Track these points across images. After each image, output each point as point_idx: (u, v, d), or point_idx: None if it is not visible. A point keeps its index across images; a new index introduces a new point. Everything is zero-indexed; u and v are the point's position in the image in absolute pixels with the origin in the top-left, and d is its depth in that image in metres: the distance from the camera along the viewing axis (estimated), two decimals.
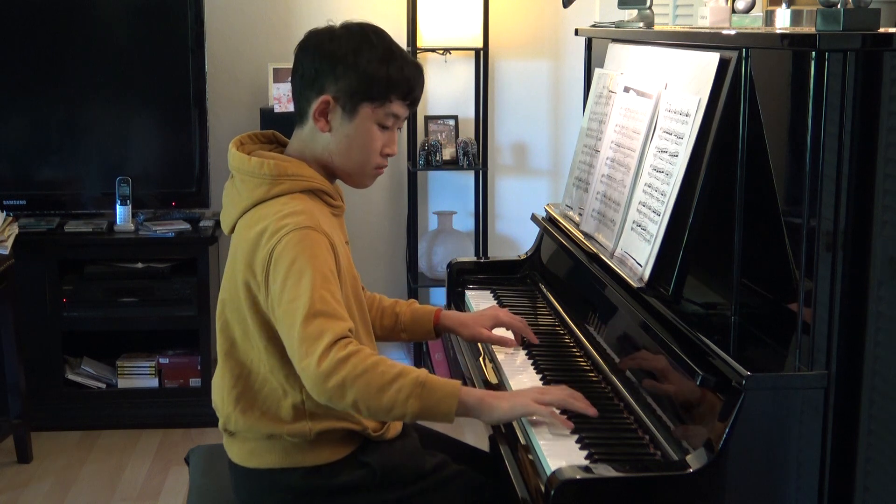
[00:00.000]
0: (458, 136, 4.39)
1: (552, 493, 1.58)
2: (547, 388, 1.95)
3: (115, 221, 4.03)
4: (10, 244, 3.62)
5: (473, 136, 4.41)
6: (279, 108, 4.07)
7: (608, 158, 2.36)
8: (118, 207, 4.01)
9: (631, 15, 2.60)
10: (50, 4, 4.06)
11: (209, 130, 4.14)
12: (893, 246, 1.63)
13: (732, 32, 1.96)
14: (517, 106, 4.53)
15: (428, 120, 4.38)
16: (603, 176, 2.37)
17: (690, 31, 2.39)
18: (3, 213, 3.72)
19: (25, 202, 4.07)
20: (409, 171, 4.37)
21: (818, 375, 1.65)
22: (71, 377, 4.06)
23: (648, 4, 2.53)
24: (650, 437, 1.81)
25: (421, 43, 4.24)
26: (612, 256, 2.21)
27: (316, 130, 1.98)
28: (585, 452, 1.77)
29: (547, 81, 4.53)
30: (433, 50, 4.27)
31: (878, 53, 1.59)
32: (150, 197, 4.13)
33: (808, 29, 1.93)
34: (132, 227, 4.02)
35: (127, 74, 4.11)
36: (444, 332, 2.32)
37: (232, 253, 1.97)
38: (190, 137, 4.10)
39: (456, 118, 4.41)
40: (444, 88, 4.46)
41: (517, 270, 2.82)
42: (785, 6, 2.19)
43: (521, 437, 1.88)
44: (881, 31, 1.62)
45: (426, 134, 4.36)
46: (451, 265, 2.81)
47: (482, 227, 4.42)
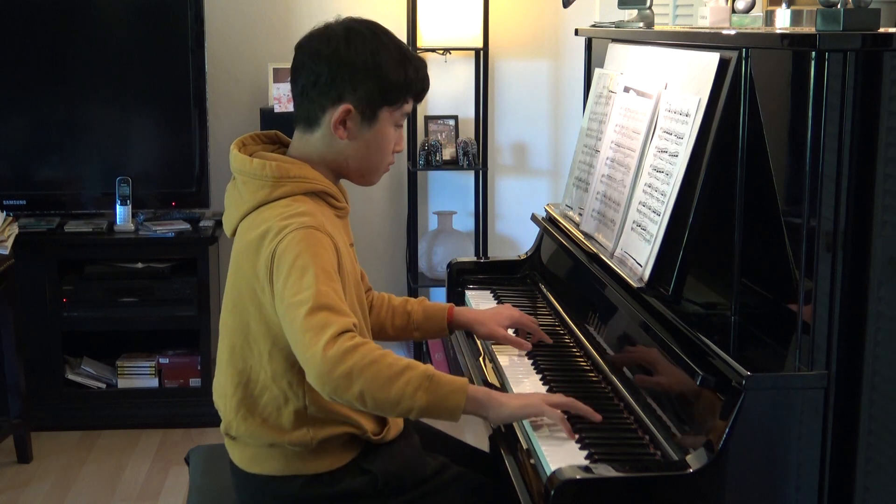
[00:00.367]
0: (458, 136, 4.39)
1: (552, 493, 1.58)
2: (552, 395, 1.92)
3: (115, 221, 4.03)
4: (10, 244, 3.62)
5: (473, 136, 4.42)
6: (279, 108, 4.07)
7: (608, 158, 2.36)
8: (118, 207, 4.02)
9: (631, 15, 2.60)
10: (50, 4, 4.06)
11: (209, 130, 4.14)
12: (893, 246, 1.63)
13: (732, 32, 1.96)
14: (517, 106, 4.53)
15: (428, 120, 4.38)
16: (603, 176, 2.37)
17: (690, 31, 2.39)
18: (3, 213, 3.72)
19: (25, 202, 4.07)
20: (409, 171, 4.37)
21: (818, 375, 1.65)
22: (71, 377, 4.06)
23: (648, 4, 2.53)
24: (650, 437, 1.81)
25: (421, 43, 4.24)
26: (612, 256, 2.21)
27: (332, 137, 1.95)
28: (585, 452, 1.77)
29: (547, 81, 4.53)
30: (433, 50, 4.27)
31: (878, 53, 1.59)
32: (150, 197, 4.13)
33: (808, 29, 1.93)
34: (132, 227, 4.02)
35: (127, 74, 4.11)
36: (457, 328, 2.29)
37: (234, 257, 1.96)
38: (190, 137, 4.10)
39: (456, 118, 4.41)
40: (444, 88, 4.46)
41: (517, 270, 2.82)
42: (785, 6, 2.19)
43: (521, 437, 1.88)
44: (881, 31, 1.62)
45: (426, 134, 4.36)
46: (451, 265, 2.81)
47: (482, 227, 4.42)
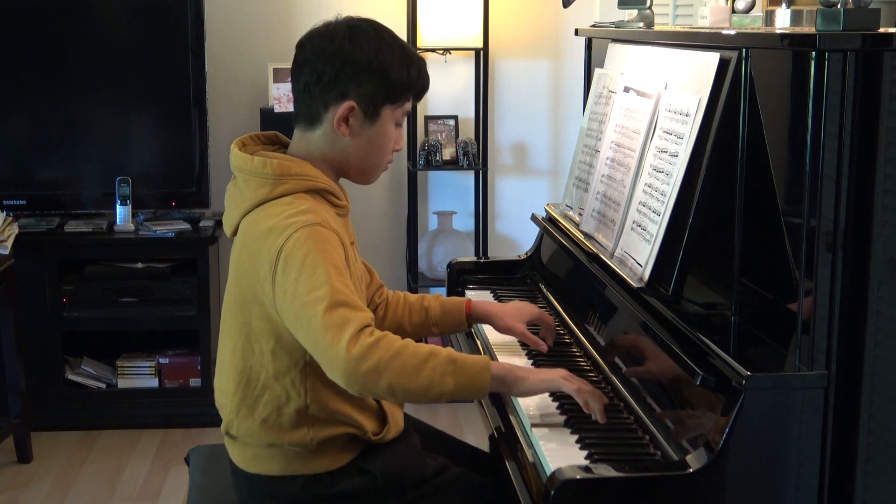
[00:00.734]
0: (458, 136, 4.39)
1: (552, 493, 1.58)
2: (573, 376, 1.93)
3: (115, 221, 4.03)
4: (10, 244, 3.62)
5: (473, 136, 4.42)
6: (279, 108, 4.07)
7: (608, 158, 2.36)
8: (118, 207, 4.02)
9: (631, 15, 2.60)
10: (50, 4, 4.06)
11: (209, 130, 4.14)
12: (893, 246, 1.63)
13: (732, 32, 1.96)
14: (517, 106, 4.53)
15: (428, 120, 4.38)
16: (603, 176, 2.37)
17: (690, 31, 2.39)
18: (3, 213, 3.72)
19: (25, 202, 4.07)
20: (409, 171, 4.37)
21: (818, 375, 1.65)
22: (71, 377, 4.06)
23: (648, 4, 2.53)
24: (650, 437, 1.81)
25: (421, 43, 4.24)
26: (612, 256, 2.21)
27: (334, 134, 1.95)
28: (585, 452, 1.77)
29: (547, 81, 4.53)
30: (433, 50, 4.27)
31: (878, 53, 1.59)
32: (150, 197, 4.13)
33: (808, 29, 1.93)
34: (132, 227, 4.02)
35: (127, 74, 4.11)
36: (475, 322, 2.29)
37: (235, 255, 1.95)
38: (190, 137, 4.10)
39: (456, 118, 4.41)
40: (444, 88, 4.46)
41: (517, 270, 2.82)
42: (785, 6, 2.19)
43: (521, 437, 1.88)
44: (881, 31, 1.62)
45: (426, 134, 4.36)
46: (451, 265, 2.81)
47: (482, 227, 4.42)
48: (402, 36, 4.28)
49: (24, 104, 4.11)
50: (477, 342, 2.38)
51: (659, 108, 2.16)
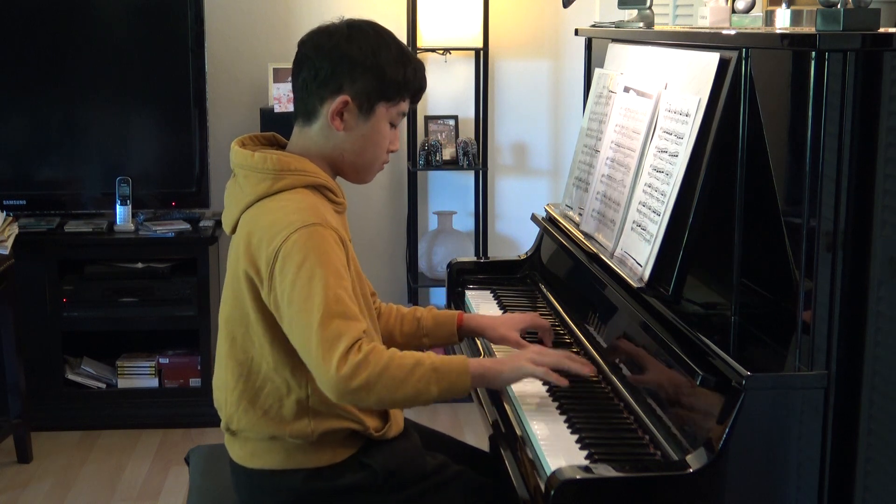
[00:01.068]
0: (458, 136, 4.39)
1: (552, 493, 1.58)
2: (545, 349, 2.07)
3: (115, 221, 4.03)
4: (10, 244, 3.62)
5: (473, 136, 4.41)
6: (279, 108, 4.07)
7: (608, 158, 2.36)
8: (118, 207, 4.02)
9: (631, 15, 2.60)
10: (50, 4, 4.06)
11: (209, 130, 4.14)
12: (893, 246, 1.63)
13: (732, 32, 1.96)
14: (517, 106, 4.53)
15: (428, 120, 4.38)
16: (603, 176, 2.37)
17: (690, 31, 2.39)
18: (3, 213, 3.72)
19: (25, 202, 4.07)
20: (409, 171, 4.37)
21: (818, 375, 1.65)
22: (71, 377, 4.06)
23: (648, 4, 2.53)
24: (650, 437, 1.81)
25: (421, 43, 4.24)
26: (612, 256, 2.21)
27: (329, 129, 1.98)
28: (585, 452, 1.77)
29: (547, 81, 4.53)
30: (433, 50, 4.27)
31: (878, 53, 1.59)
32: (150, 197, 4.13)
33: (808, 29, 1.93)
34: (132, 227, 4.02)
35: (127, 74, 4.11)
36: (467, 335, 2.30)
37: (234, 249, 1.97)
38: (190, 137, 4.10)
39: (456, 118, 4.41)
40: (444, 88, 4.46)
41: (517, 270, 2.82)
42: (785, 6, 2.19)
43: (521, 437, 1.89)
44: (881, 31, 1.62)
45: (426, 134, 4.36)
46: (451, 265, 2.81)
47: (482, 227, 4.42)
48: (402, 36, 4.31)
49: (24, 104, 4.11)
50: (477, 342, 2.38)
51: (659, 108, 2.16)
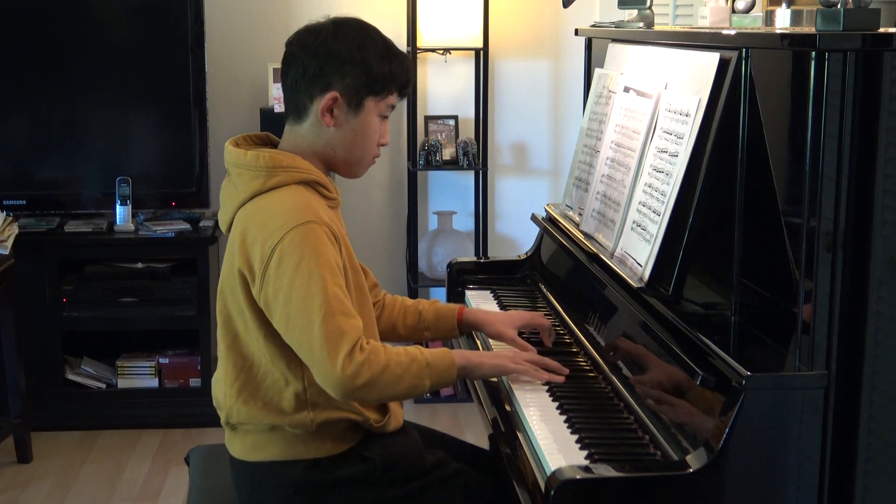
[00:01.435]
0: (458, 136, 4.39)
1: (552, 493, 1.58)
2: (523, 352, 2.14)
3: (115, 221, 4.03)
4: (10, 244, 3.62)
5: (473, 136, 4.41)
6: (279, 108, 4.07)
7: (608, 158, 2.36)
8: (118, 207, 4.02)
9: (631, 15, 2.60)
10: (50, 4, 4.06)
11: (209, 130, 4.14)
12: (893, 246, 1.63)
13: (732, 32, 1.96)
14: (517, 106, 4.53)
15: (428, 120, 4.38)
16: (603, 176, 2.37)
17: (690, 31, 2.39)
18: (3, 213, 3.72)
19: (25, 202, 4.07)
20: (409, 171, 4.37)
21: (818, 375, 1.65)
22: (71, 377, 4.06)
23: (648, 4, 2.53)
24: (650, 437, 1.81)
25: (421, 43, 4.24)
26: (612, 256, 2.21)
27: (320, 125, 2.01)
28: (585, 452, 1.77)
29: (547, 81, 4.53)
30: (433, 50, 4.27)
31: (878, 53, 1.59)
32: (150, 197, 4.13)
33: (808, 29, 1.93)
34: (132, 227, 4.02)
35: (127, 74, 4.11)
36: (467, 329, 2.34)
37: (230, 246, 1.99)
38: (190, 137, 4.10)
39: (456, 118, 4.41)
40: (444, 88, 4.46)
41: (517, 270, 2.82)
42: (785, 6, 2.19)
43: (521, 436, 1.89)
44: (881, 31, 1.62)
45: (426, 134, 4.36)
46: (451, 265, 2.81)
47: (482, 227, 4.42)
48: (402, 36, 4.32)
49: (24, 104, 4.11)
50: (476, 339, 2.39)
51: (659, 108, 2.16)
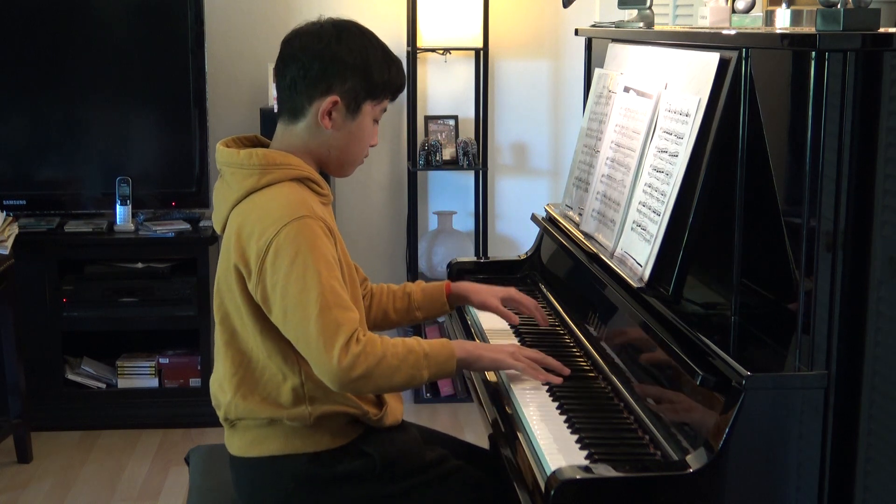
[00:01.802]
0: (458, 136, 4.39)
1: (552, 493, 1.58)
2: (525, 348, 2.14)
3: (115, 221, 4.04)
4: (10, 244, 3.62)
5: (473, 136, 4.41)
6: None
7: (608, 158, 2.36)
8: (118, 207, 4.02)
9: (631, 15, 2.60)
10: (50, 4, 4.06)
11: (209, 130, 4.14)
12: (893, 246, 1.63)
13: (732, 32, 1.96)
14: (517, 106, 4.53)
15: (428, 120, 4.38)
16: (603, 176, 2.37)
17: (690, 31, 2.39)
18: (3, 213, 3.72)
19: (25, 202, 4.07)
20: (409, 171, 4.37)
21: (818, 375, 1.65)
22: (71, 377, 4.06)
23: (648, 4, 2.53)
24: (650, 437, 1.81)
25: (421, 43, 4.24)
26: (612, 256, 2.21)
27: (317, 126, 2.02)
28: (585, 452, 1.77)
29: (547, 81, 4.53)
30: (433, 50, 4.27)
31: (878, 53, 1.59)
32: (150, 197, 4.13)
33: (808, 29, 1.93)
34: (132, 227, 4.02)
35: (127, 74, 4.11)
36: (456, 302, 2.38)
37: (225, 244, 2.01)
38: (190, 137, 4.10)
39: (456, 118, 4.41)
40: (444, 88, 4.46)
41: (517, 270, 2.82)
42: (785, 6, 2.19)
43: (521, 436, 1.89)
44: (881, 31, 1.62)
45: (426, 134, 4.36)
46: (451, 265, 2.81)
47: (482, 227, 4.42)
48: (402, 36, 4.32)
49: (24, 104, 4.11)
50: (473, 335, 2.40)
51: (659, 108, 2.16)
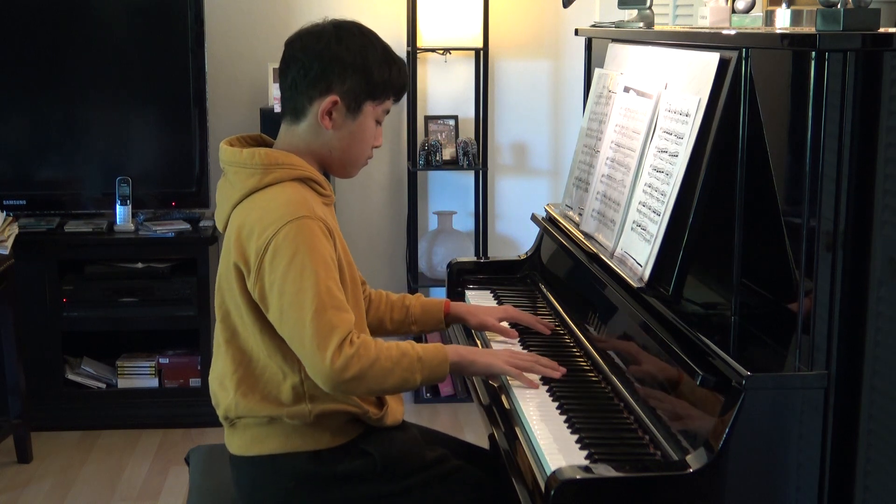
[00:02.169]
0: (458, 136, 4.39)
1: (552, 493, 1.58)
2: (520, 352, 2.16)
3: (115, 221, 4.04)
4: (10, 244, 3.62)
5: (473, 136, 4.41)
6: (279, 108, 4.06)
7: (608, 158, 2.36)
8: (118, 207, 4.02)
9: (631, 15, 2.60)
10: (50, 4, 4.06)
11: (209, 130, 4.14)
12: (893, 246, 1.63)
13: (732, 32, 1.96)
14: (517, 106, 4.53)
15: (428, 120, 4.38)
16: (603, 176, 2.37)
17: (690, 31, 2.39)
18: (3, 213, 3.72)
19: (25, 202, 4.07)
20: (409, 171, 4.37)
21: (818, 375, 1.65)
22: (71, 377, 4.06)
23: (648, 4, 2.53)
24: (650, 437, 1.81)
25: (421, 43, 4.24)
26: (612, 256, 2.21)
27: (318, 127, 2.03)
28: (585, 452, 1.77)
29: (547, 81, 4.53)
30: (433, 50, 4.27)
31: (878, 53, 1.59)
32: (150, 197, 4.13)
33: (808, 29, 1.93)
34: (132, 227, 4.02)
35: (127, 74, 4.11)
36: (453, 322, 2.38)
37: (226, 241, 2.01)
38: (190, 137, 4.10)
39: (456, 118, 4.41)
40: (444, 88, 4.46)
41: (517, 270, 2.82)
42: (785, 6, 2.19)
43: (521, 436, 1.89)
44: (881, 31, 1.62)
45: (426, 134, 4.36)
46: (451, 265, 2.81)
47: (482, 227, 4.42)
48: (402, 36, 4.32)
49: (24, 104, 4.11)
50: (478, 341, 2.39)
51: (659, 108, 2.16)
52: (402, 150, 4.47)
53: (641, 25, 2.53)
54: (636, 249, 2.10)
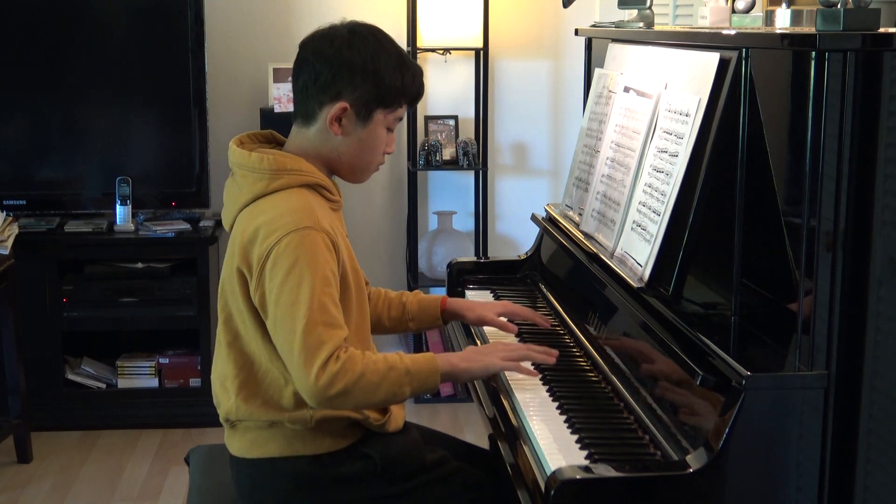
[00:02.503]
0: (458, 136, 4.39)
1: (552, 493, 1.58)
2: (511, 345, 2.13)
3: (115, 221, 4.04)
4: (10, 244, 3.62)
5: (473, 136, 4.42)
6: (279, 108, 4.07)
7: (608, 158, 2.36)
8: (118, 207, 4.02)
9: (631, 15, 2.60)
10: (50, 4, 4.06)
11: (209, 130, 4.14)
12: (893, 246, 1.63)
13: (732, 32, 1.96)
14: (517, 106, 4.53)
15: (428, 120, 4.38)
16: (603, 176, 2.37)
17: (690, 31, 2.39)
18: (3, 213, 3.72)
19: (25, 202, 4.07)
20: (409, 171, 4.37)
21: (818, 375, 1.65)
22: (71, 377, 4.06)
23: (648, 4, 2.53)
24: (650, 437, 1.81)
25: (421, 43, 4.24)
26: (612, 256, 2.21)
27: (327, 132, 2.01)
28: (585, 452, 1.77)
29: (547, 81, 4.53)
30: (433, 50, 4.27)
31: (878, 53, 1.59)
32: (150, 197, 4.13)
33: (808, 29, 1.93)
34: (132, 227, 4.02)
35: (127, 74, 4.11)
36: (450, 318, 2.36)
37: (231, 244, 2.00)
38: (190, 137, 4.10)
39: (456, 118, 4.41)
40: (444, 88, 4.46)
41: (517, 270, 2.82)
42: (785, 6, 2.19)
43: (520, 436, 1.89)
44: (881, 31, 1.62)
45: (426, 134, 4.36)
46: (451, 265, 2.81)
47: (482, 227, 4.42)
48: (402, 36, 4.32)
49: (24, 104, 4.11)
50: (474, 336, 2.40)
51: (659, 108, 2.16)
52: (402, 150, 4.47)
53: (641, 25, 2.53)
54: (636, 249, 2.10)
